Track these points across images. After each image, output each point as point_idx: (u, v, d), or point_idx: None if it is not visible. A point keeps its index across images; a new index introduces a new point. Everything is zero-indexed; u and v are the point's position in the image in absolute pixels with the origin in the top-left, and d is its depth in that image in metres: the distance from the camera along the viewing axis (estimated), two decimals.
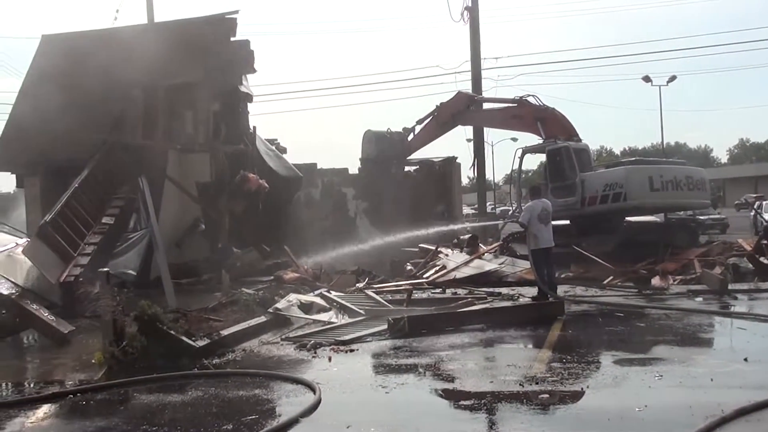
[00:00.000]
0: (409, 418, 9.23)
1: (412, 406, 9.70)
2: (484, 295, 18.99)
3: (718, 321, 15.68)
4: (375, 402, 9.92)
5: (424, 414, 9.45)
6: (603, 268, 21.69)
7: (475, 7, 38.59)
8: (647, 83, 65.72)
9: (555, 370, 10.94)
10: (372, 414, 9.47)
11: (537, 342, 13.77)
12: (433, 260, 24.06)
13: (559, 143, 27.21)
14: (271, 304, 16.29)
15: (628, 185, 25.48)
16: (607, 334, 14.36)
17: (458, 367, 11.53)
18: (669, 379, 10.19)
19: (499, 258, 24.04)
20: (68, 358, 13.14)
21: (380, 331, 14.30)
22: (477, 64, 38.56)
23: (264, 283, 20.24)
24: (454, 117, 32.85)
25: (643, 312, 16.33)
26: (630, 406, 8.89)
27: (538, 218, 18.03)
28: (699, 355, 12.23)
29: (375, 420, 9.02)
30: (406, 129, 35.00)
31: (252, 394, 10.30)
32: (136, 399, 10.47)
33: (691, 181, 26.98)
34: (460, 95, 33.19)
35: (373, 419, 9.07)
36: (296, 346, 13.46)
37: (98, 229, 19.59)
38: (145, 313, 12.40)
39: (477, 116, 33.54)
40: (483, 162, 38.99)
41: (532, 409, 9.16)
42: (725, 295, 18.05)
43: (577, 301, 18.14)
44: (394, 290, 20.05)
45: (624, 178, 25.76)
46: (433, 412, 9.51)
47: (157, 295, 16.83)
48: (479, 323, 15.04)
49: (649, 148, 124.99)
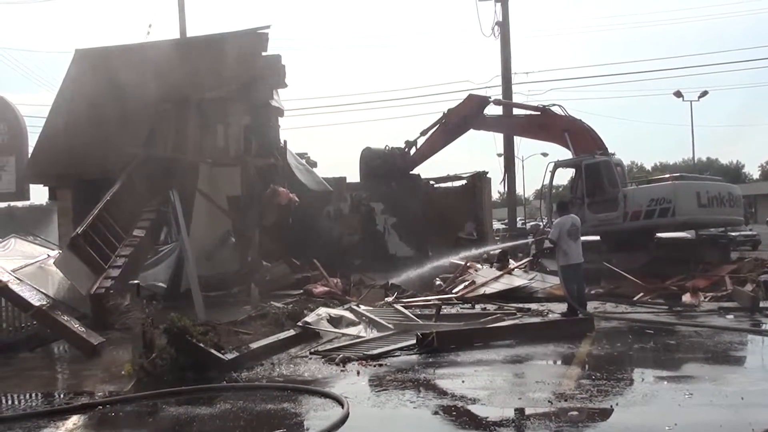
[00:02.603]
0: None
1: (440, 422, 9.67)
2: (514, 311, 18.92)
3: (750, 339, 15.53)
4: (403, 417, 9.89)
5: (451, 430, 9.45)
6: (633, 284, 21.58)
7: (506, 22, 38.65)
8: (678, 98, 65.44)
9: (584, 387, 10.88)
10: (400, 429, 9.47)
11: (566, 359, 13.67)
12: (463, 275, 24.00)
13: (597, 157, 27.12)
14: (300, 318, 16.28)
15: (676, 200, 25.35)
16: (637, 351, 14.26)
17: (486, 383, 11.48)
18: (699, 397, 10.11)
19: (529, 273, 23.92)
20: (98, 369, 13.19)
21: (409, 346, 14.26)
22: (507, 78, 38.60)
23: (293, 297, 20.31)
24: (466, 121, 32.04)
25: (674, 329, 16.24)
26: (659, 425, 8.82)
27: (568, 234, 17.96)
28: (730, 373, 12.15)
29: None
30: (408, 142, 34.14)
31: (280, 408, 10.30)
32: (165, 411, 10.50)
33: (732, 198, 27.04)
34: (471, 97, 32.39)
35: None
36: (325, 359, 13.44)
37: (129, 242, 19.67)
38: (175, 325, 12.44)
39: (494, 121, 33.26)
40: (513, 176, 38.97)
41: (560, 427, 9.09)
42: (756, 312, 17.90)
43: (607, 317, 18.03)
44: (423, 305, 20.02)
45: (672, 193, 25.64)
46: (462, 427, 9.48)
47: (187, 307, 16.88)
48: (508, 339, 14.98)
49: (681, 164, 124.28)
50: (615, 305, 19.89)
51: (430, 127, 32.95)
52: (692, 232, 30.56)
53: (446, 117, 32.40)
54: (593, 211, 26.32)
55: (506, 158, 38.04)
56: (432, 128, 32.91)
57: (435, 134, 32.96)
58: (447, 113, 32.42)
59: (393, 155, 34.06)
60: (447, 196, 35.40)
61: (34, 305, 15.13)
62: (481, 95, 33.10)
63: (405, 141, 34.08)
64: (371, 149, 34.64)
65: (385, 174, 33.81)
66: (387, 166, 33.80)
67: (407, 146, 33.98)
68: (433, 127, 32.88)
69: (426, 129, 33.09)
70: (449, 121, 32.32)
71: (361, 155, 34.79)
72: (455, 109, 32.19)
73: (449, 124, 32.36)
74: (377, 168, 33.86)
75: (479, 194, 35.31)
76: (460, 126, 32.28)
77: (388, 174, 33.82)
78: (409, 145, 33.87)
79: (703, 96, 65.92)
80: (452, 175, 36.33)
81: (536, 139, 33.74)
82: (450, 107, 32.61)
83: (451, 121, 32.22)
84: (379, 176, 33.78)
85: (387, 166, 33.80)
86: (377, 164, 33.93)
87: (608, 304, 20.00)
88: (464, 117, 31.88)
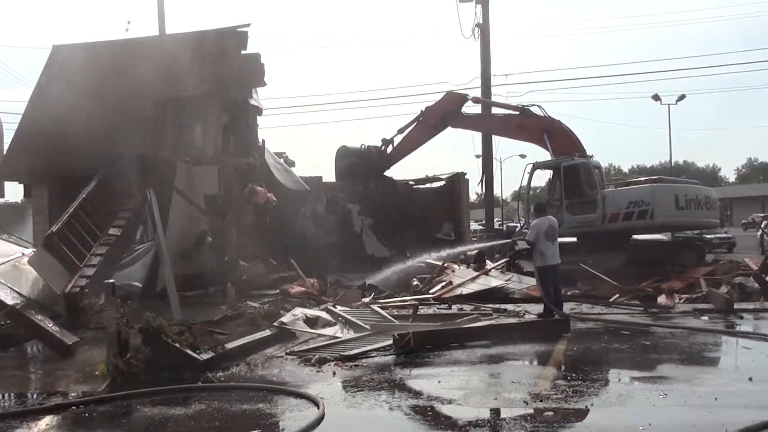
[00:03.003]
0: None
1: (416, 422, 9.70)
2: (490, 312, 18.95)
3: (724, 340, 15.72)
4: (378, 417, 9.89)
5: (427, 430, 9.45)
6: (609, 285, 21.65)
7: (486, 24, 38.70)
8: (656, 102, 65.76)
9: (560, 388, 10.92)
10: (375, 430, 9.48)
11: (542, 359, 13.72)
12: (440, 276, 24.01)
13: (576, 159, 27.24)
14: (276, 318, 16.26)
15: (655, 203, 25.69)
16: (613, 352, 14.35)
17: (462, 384, 11.51)
18: (673, 397, 10.18)
19: (506, 274, 24.01)
20: (72, 369, 13.12)
21: (385, 347, 14.25)
22: (487, 80, 38.64)
23: (270, 297, 20.22)
24: (444, 118, 31.96)
25: (649, 330, 16.32)
26: (634, 425, 8.88)
27: (545, 235, 18.03)
28: (704, 374, 12.22)
29: None
30: (385, 140, 33.95)
31: (255, 408, 10.29)
32: (140, 411, 10.45)
33: (708, 201, 27.41)
34: (450, 95, 32.40)
35: None
36: (301, 360, 13.44)
37: (105, 241, 19.55)
38: (150, 325, 12.39)
39: (472, 120, 33.28)
40: (491, 178, 39.02)
41: (536, 427, 9.12)
42: (731, 314, 18.00)
43: (583, 318, 18.10)
44: (400, 305, 20.01)
45: (651, 196, 25.95)
46: (438, 428, 9.50)
47: (163, 307, 16.79)
48: (485, 340, 15.02)
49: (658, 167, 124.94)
50: (591, 306, 19.96)
51: (407, 125, 32.92)
52: (668, 235, 30.80)
53: (424, 115, 32.33)
54: (571, 212, 26.47)
55: (484, 159, 38.09)
56: (409, 126, 32.85)
57: (413, 132, 32.89)
58: (425, 111, 32.34)
59: (369, 154, 33.94)
60: (425, 196, 35.35)
61: (7, 304, 15.04)
62: (460, 93, 33.14)
63: (382, 139, 33.95)
64: (347, 148, 34.54)
65: (362, 173, 33.71)
66: (363, 165, 33.72)
67: (384, 144, 33.82)
68: (410, 125, 32.82)
69: (403, 127, 33.06)
70: (427, 119, 32.23)
71: (337, 154, 34.71)
72: (433, 107, 32.15)
73: (427, 121, 32.27)
74: (353, 167, 33.76)
75: (457, 195, 35.33)
76: (438, 123, 32.21)
77: (365, 173, 33.74)
78: (386, 143, 33.73)
79: (680, 99, 66.41)
80: (431, 176, 36.34)
81: (515, 138, 33.79)
82: (428, 105, 32.62)
83: (430, 118, 32.14)
84: (355, 175, 33.67)
85: (363, 165, 33.72)
86: (353, 163, 33.84)
87: (584, 305, 20.06)
88: (443, 114, 31.82)
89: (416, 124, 32.65)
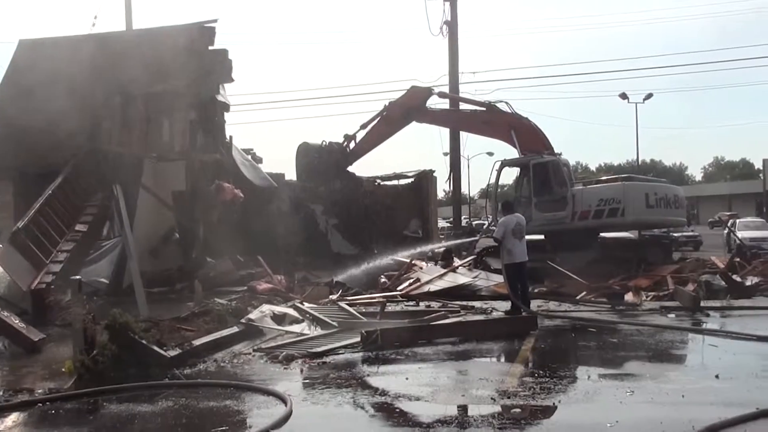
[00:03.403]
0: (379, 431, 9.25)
1: (383, 420, 9.71)
2: (458, 309, 18.94)
3: (690, 338, 15.72)
4: (346, 414, 9.91)
5: (395, 427, 9.46)
6: (576, 283, 21.73)
7: (454, 22, 38.66)
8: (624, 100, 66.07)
9: (527, 385, 10.94)
10: (343, 427, 9.47)
11: (509, 356, 13.76)
12: (407, 273, 24.02)
13: (546, 157, 27.34)
14: (243, 315, 16.19)
15: (626, 201, 25.87)
16: (580, 349, 14.44)
17: (430, 381, 11.52)
18: (641, 394, 10.21)
19: (473, 272, 24.02)
20: (38, 366, 13.04)
21: (353, 344, 14.24)
22: (455, 77, 38.62)
23: (237, 294, 20.19)
24: (409, 113, 31.53)
25: (616, 328, 16.34)
26: (601, 422, 8.91)
27: (512, 233, 18.07)
28: (671, 371, 12.27)
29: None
30: (347, 136, 33.19)
31: (223, 405, 10.25)
32: (106, 409, 10.40)
33: (676, 199, 27.80)
34: (414, 89, 31.84)
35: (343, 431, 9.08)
36: (268, 357, 13.41)
37: (71, 237, 19.47)
38: (117, 321, 12.32)
39: (438, 115, 33.03)
40: (459, 175, 39.02)
41: (503, 424, 9.14)
42: (698, 311, 18.08)
43: (550, 316, 18.13)
44: (368, 302, 19.98)
45: (622, 194, 26.12)
46: (405, 425, 9.48)
47: (129, 303, 16.77)
48: (452, 337, 15.01)
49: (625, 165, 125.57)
50: (558, 304, 19.99)
51: (370, 121, 32.46)
52: (635, 233, 30.96)
53: (388, 109, 31.90)
54: (541, 210, 26.54)
55: (452, 157, 38.07)
56: (372, 122, 32.42)
57: (376, 127, 32.45)
58: (388, 105, 31.95)
59: (331, 150, 33.38)
60: (392, 194, 35.29)
61: None
62: (425, 87, 32.69)
63: (344, 135, 33.41)
64: (308, 144, 34.01)
65: (323, 170, 33.22)
66: (324, 162, 33.21)
67: (346, 140, 33.26)
68: (373, 121, 32.39)
69: (366, 123, 32.57)
70: (391, 114, 31.82)
71: (298, 151, 34.22)
72: (398, 101, 31.79)
73: (391, 116, 31.87)
74: (314, 164, 33.26)
75: (425, 192, 35.34)
76: (403, 118, 31.87)
77: (326, 170, 33.25)
78: (348, 139, 33.17)
79: (648, 98, 66.71)
80: (398, 173, 36.31)
81: (481, 135, 33.67)
82: (392, 99, 32.26)
83: (393, 113, 31.75)
84: (317, 172, 33.24)
85: (324, 162, 33.21)
86: (314, 160, 33.33)
87: (551, 303, 20.09)
88: (407, 109, 31.46)
89: (379, 119, 32.18)
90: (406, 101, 31.53)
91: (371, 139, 32.85)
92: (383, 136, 32.88)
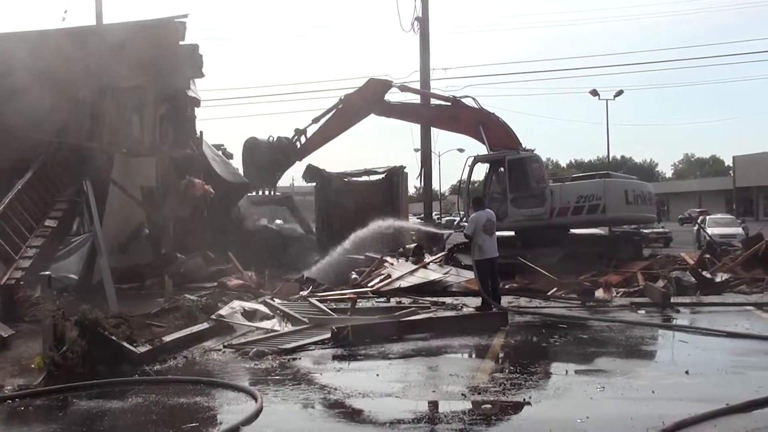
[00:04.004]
0: (350, 427, 9.27)
1: (354, 416, 9.72)
2: (429, 305, 19.04)
3: (661, 334, 15.81)
4: (317, 410, 9.95)
5: (365, 423, 9.48)
6: (547, 279, 21.78)
7: (426, 18, 38.61)
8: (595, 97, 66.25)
9: (498, 381, 11.00)
10: (313, 423, 9.46)
11: (480, 352, 13.83)
12: (378, 269, 24.05)
13: (522, 153, 27.42)
14: (214, 311, 16.16)
15: (606, 197, 25.95)
16: (551, 345, 14.47)
17: (401, 377, 11.58)
18: (611, 390, 10.30)
19: (444, 268, 24.10)
20: (7, 362, 12.92)
21: (324, 340, 14.26)
22: (426, 74, 38.55)
23: (207, 290, 20.12)
24: (367, 106, 31.01)
25: (587, 324, 16.45)
26: (572, 417, 8.97)
27: (483, 229, 18.12)
28: (641, 367, 12.40)
29: (316, 428, 9.10)
30: (298, 130, 32.07)
31: (193, 402, 10.24)
32: (76, 405, 10.36)
33: (651, 196, 28.30)
34: (372, 81, 31.34)
35: (314, 427, 9.11)
36: (239, 353, 13.39)
37: (41, 232, 19.36)
38: (86, 317, 12.28)
39: (398, 108, 32.30)
40: (430, 171, 39.03)
41: (474, 420, 9.19)
42: (668, 308, 18.26)
43: (521, 312, 18.22)
44: (339, 299, 19.99)
45: (602, 191, 26.22)
46: (376, 421, 9.49)
47: (99, 299, 16.66)
48: (423, 333, 15.08)
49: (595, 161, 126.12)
50: (529, 300, 20.11)
51: (323, 114, 31.60)
52: (605, 229, 31.15)
53: (344, 102, 31.22)
54: (517, 206, 26.54)
55: (423, 153, 38.03)
56: (326, 115, 31.60)
57: (331, 121, 31.62)
58: (344, 98, 31.25)
59: (280, 145, 32.25)
60: (363, 190, 35.21)
61: None
62: (383, 79, 32.03)
63: (294, 129, 32.34)
64: (256, 139, 32.64)
65: (270, 166, 32.44)
66: (272, 157, 32.23)
67: (297, 135, 32.22)
68: (327, 114, 31.58)
69: (318, 116, 31.70)
70: (347, 106, 31.16)
71: (245, 145, 32.80)
72: (355, 93, 31.22)
73: (347, 109, 31.21)
74: (262, 159, 32.13)
75: (396, 189, 35.28)
76: (360, 111, 31.34)
77: (273, 166, 32.55)
78: (299, 133, 32.13)
79: (618, 95, 66.82)
80: (369, 170, 36.27)
81: (448, 130, 33.49)
82: (347, 93, 31.60)
83: (350, 106, 31.10)
84: (264, 168, 32.30)
85: (272, 157, 32.23)
86: (262, 155, 32.17)
87: (522, 299, 20.21)
88: (364, 101, 30.93)
89: (335, 112, 31.40)
90: (364, 93, 31.00)
91: (324, 134, 32.05)
92: (337, 131, 32.18)
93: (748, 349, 13.37)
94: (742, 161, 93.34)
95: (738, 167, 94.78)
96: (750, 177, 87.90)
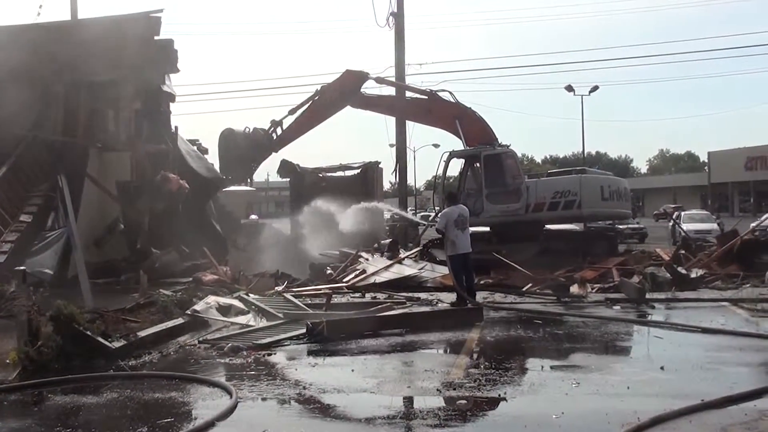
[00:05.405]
0: (325, 423, 9.31)
1: (329, 411, 9.76)
2: (404, 300, 19.05)
3: (636, 329, 15.88)
4: (291, 406, 9.97)
5: (340, 418, 9.52)
6: (522, 275, 21.84)
7: (401, 13, 38.68)
8: (570, 93, 66.43)
9: (473, 376, 11.04)
10: (287, 418, 9.49)
11: (455, 348, 13.82)
12: (353, 264, 24.06)
13: (498, 148, 27.50)
14: (189, 306, 16.13)
15: (582, 193, 26.05)
16: (525, 341, 14.53)
17: (376, 372, 11.59)
18: (586, 386, 10.38)
19: (419, 263, 24.13)
20: None
21: (299, 335, 14.29)
22: (401, 69, 38.61)
23: (182, 285, 20.08)
24: (343, 97, 30.88)
25: (562, 319, 16.51)
26: (547, 413, 9.03)
27: (455, 224, 18.16)
28: (616, 363, 12.46)
29: (291, 424, 9.10)
30: (274, 122, 31.63)
31: (168, 397, 10.26)
32: (51, 400, 10.36)
33: (626, 192, 28.46)
34: (348, 73, 31.16)
35: (289, 423, 9.13)
36: (214, 348, 13.38)
37: (15, 227, 19.33)
38: (61, 312, 12.26)
39: (374, 100, 32.25)
40: (405, 167, 39.08)
41: (449, 415, 9.24)
42: (643, 303, 18.21)
43: (496, 307, 18.20)
44: (314, 294, 20.00)
45: (578, 186, 26.31)
46: (351, 417, 9.53)
47: (74, 294, 16.60)
48: (398, 328, 15.08)
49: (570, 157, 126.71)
50: (504, 295, 20.12)
51: (299, 105, 31.46)
52: (581, 225, 31.27)
53: (320, 93, 31.07)
54: (493, 201, 26.63)
55: (398, 148, 38.06)
56: (303, 106, 31.42)
57: (307, 112, 31.41)
58: (321, 90, 31.12)
59: (256, 136, 31.86)
60: (337, 185, 35.06)
61: None
62: (359, 71, 31.79)
63: (271, 120, 32.00)
64: (232, 130, 32.10)
65: (245, 157, 32.06)
66: (248, 148, 31.90)
67: (273, 126, 31.88)
68: (303, 105, 31.41)
69: (295, 108, 31.54)
70: (323, 98, 30.99)
71: (220, 137, 32.12)
72: (331, 84, 31.15)
73: (323, 100, 31.03)
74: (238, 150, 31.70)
75: (371, 184, 35.23)
76: (336, 103, 31.16)
77: (248, 157, 32.18)
78: (275, 124, 31.78)
79: (593, 91, 67.03)
80: (344, 165, 36.25)
81: (424, 123, 33.29)
82: (324, 84, 31.46)
83: (326, 97, 30.96)
84: (238, 160, 31.90)
85: (248, 148, 31.90)
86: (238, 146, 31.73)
87: (497, 295, 20.21)
88: (341, 93, 30.82)
89: (311, 104, 31.24)
90: (340, 84, 30.94)
91: (300, 125, 31.79)
92: (313, 122, 31.90)
93: (723, 345, 13.39)
94: (717, 157, 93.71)
95: (713, 163, 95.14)
96: (725, 173, 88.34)
